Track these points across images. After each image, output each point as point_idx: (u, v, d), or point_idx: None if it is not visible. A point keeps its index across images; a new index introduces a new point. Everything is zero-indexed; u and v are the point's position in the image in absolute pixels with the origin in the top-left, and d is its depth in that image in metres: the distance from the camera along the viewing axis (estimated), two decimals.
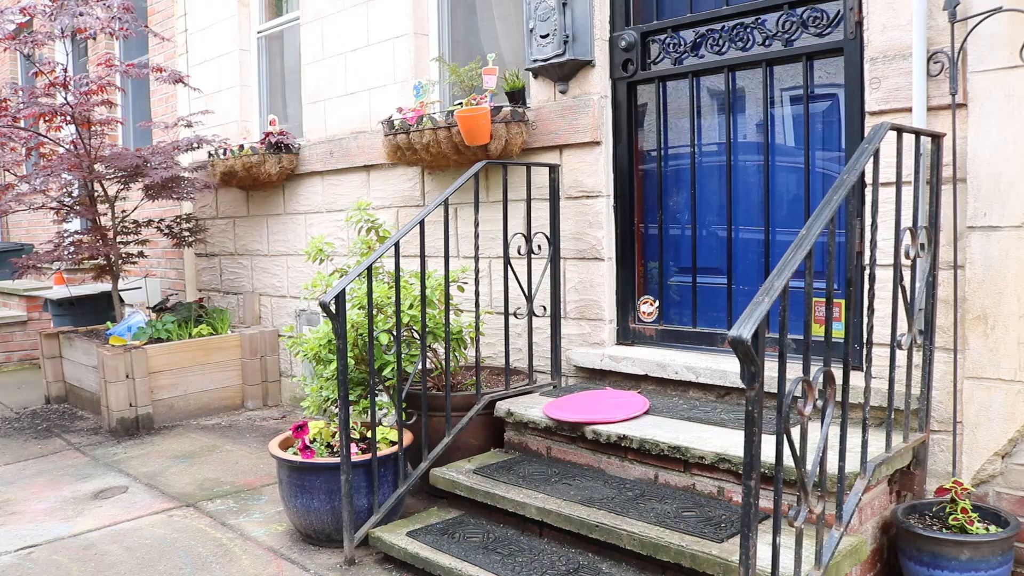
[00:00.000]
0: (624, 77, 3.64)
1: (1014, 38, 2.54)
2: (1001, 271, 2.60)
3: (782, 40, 3.19)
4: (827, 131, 3.18)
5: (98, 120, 5.41)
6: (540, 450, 3.29)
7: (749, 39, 3.29)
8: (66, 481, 4.08)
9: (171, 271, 6.73)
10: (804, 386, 1.96)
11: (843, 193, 2.14)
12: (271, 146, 5.14)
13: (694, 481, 2.80)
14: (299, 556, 3.11)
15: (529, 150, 3.87)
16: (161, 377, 5.10)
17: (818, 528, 2.17)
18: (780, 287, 1.89)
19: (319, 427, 3.33)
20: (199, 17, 6.18)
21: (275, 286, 5.65)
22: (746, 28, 3.29)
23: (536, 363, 3.80)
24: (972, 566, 2.41)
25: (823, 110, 3.21)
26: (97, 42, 6.66)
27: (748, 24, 3.28)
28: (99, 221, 5.43)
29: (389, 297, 3.49)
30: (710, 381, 3.28)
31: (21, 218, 9.00)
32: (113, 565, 3.07)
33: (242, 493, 3.83)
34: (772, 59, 3.23)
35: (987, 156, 2.61)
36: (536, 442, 3.31)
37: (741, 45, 3.32)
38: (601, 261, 3.70)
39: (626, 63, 3.63)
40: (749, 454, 1.83)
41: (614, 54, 3.66)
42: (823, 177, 3.19)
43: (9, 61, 8.95)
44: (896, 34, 2.78)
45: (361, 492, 3.09)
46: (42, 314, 7.23)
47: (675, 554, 2.40)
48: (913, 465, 2.80)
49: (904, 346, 2.56)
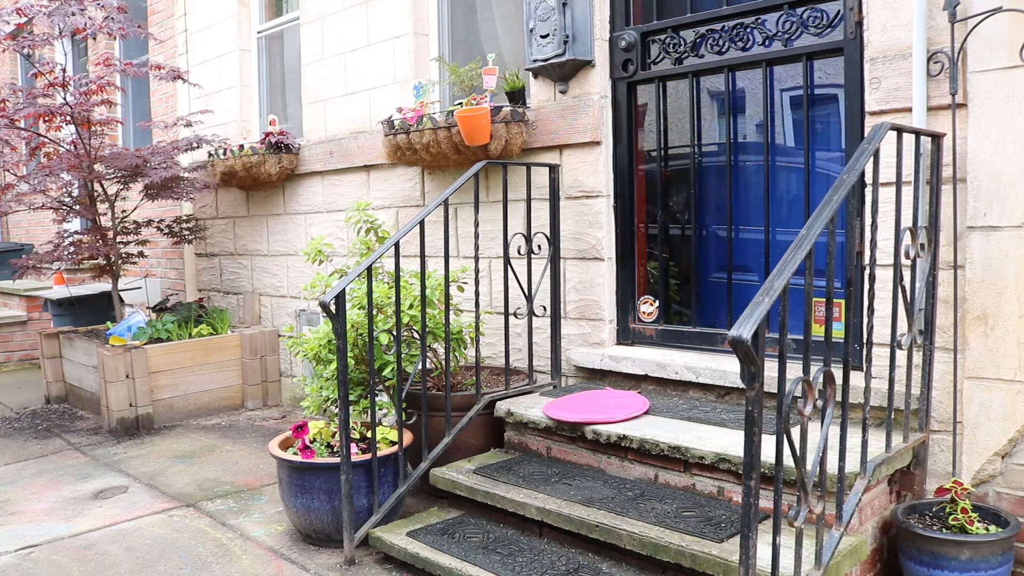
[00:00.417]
0: (624, 77, 3.64)
1: (1014, 38, 2.54)
2: (1001, 271, 2.60)
3: (782, 40, 3.19)
4: (827, 131, 3.19)
5: (98, 120, 5.40)
6: (540, 450, 3.29)
7: (749, 39, 3.29)
8: (66, 481, 4.08)
9: (171, 271, 6.73)
10: (804, 386, 1.96)
11: (843, 193, 2.14)
12: (271, 146, 5.14)
13: (694, 481, 2.80)
14: (299, 556, 3.11)
15: (529, 150, 3.87)
16: (161, 377, 5.10)
17: (818, 528, 2.17)
18: (780, 287, 1.88)
19: (319, 427, 3.33)
20: (199, 17, 6.18)
21: (275, 286, 5.65)
22: (746, 28, 3.29)
23: (536, 363, 3.80)
24: (972, 566, 2.41)
25: (823, 110, 3.21)
26: (97, 42, 6.66)
27: (748, 24, 3.28)
28: (99, 221, 5.43)
29: (389, 297, 3.49)
30: (710, 381, 3.28)
31: (21, 218, 9.00)
32: (113, 565, 3.07)
33: (242, 493, 3.83)
34: (772, 59, 3.23)
35: (987, 156, 2.61)
36: (536, 442, 3.31)
37: (741, 45, 3.32)
38: (601, 261, 3.70)
39: (626, 63, 3.63)
40: (749, 454, 1.83)
41: (614, 54, 3.66)
42: (823, 177, 3.19)
43: (8, 61, 8.94)
44: (896, 34, 2.78)
45: (361, 492, 3.09)
46: (42, 314, 7.23)
47: (675, 554, 2.40)
48: (913, 465, 2.80)
49: (904, 346, 2.56)
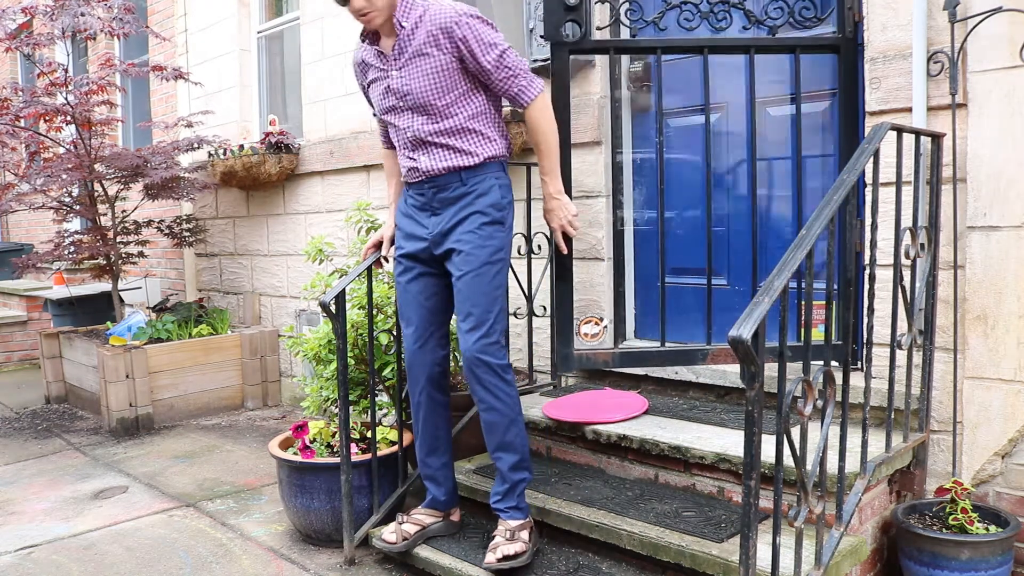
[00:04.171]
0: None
1: (1014, 38, 2.54)
2: (1001, 271, 2.60)
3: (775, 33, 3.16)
4: (826, 131, 3.18)
5: (98, 120, 5.40)
6: (540, 450, 3.29)
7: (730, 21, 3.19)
8: (66, 481, 4.08)
9: (171, 271, 6.73)
10: (804, 386, 1.96)
11: (843, 193, 2.14)
12: (271, 146, 5.14)
13: (694, 481, 2.80)
14: (299, 556, 3.11)
15: (529, 150, 3.86)
16: (161, 377, 5.10)
17: (818, 528, 2.17)
18: (780, 287, 1.88)
19: (319, 427, 3.33)
20: (199, 17, 6.18)
21: (275, 286, 5.65)
22: (729, 7, 3.22)
23: (536, 363, 3.80)
24: (972, 566, 2.41)
25: (822, 110, 3.21)
26: (97, 42, 6.66)
27: (733, 3, 3.22)
28: (99, 221, 5.43)
29: (389, 297, 3.49)
30: (710, 381, 3.28)
31: (21, 218, 9.00)
32: (113, 565, 3.07)
33: (242, 493, 3.84)
34: (759, 47, 3.13)
35: (987, 156, 2.61)
36: (536, 442, 3.30)
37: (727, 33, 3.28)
38: (601, 261, 3.70)
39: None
40: (749, 454, 1.83)
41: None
42: (823, 177, 3.20)
43: (9, 61, 8.94)
44: (896, 34, 2.78)
45: (361, 492, 3.09)
46: (42, 314, 7.23)
47: (675, 554, 2.40)
48: (913, 465, 2.80)
49: (904, 346, 2.56)
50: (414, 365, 2.81)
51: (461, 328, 2.66)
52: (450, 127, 2.65)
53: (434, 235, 2.72)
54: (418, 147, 2.69)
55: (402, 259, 2.82)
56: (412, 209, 2.80)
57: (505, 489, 2.70)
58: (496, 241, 2.69)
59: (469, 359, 2.63)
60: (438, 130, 2.66)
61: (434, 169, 2.68)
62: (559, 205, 2.83)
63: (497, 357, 2.64)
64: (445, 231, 2.70)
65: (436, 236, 2.72)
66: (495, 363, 2.63)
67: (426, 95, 2.63)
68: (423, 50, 2.61)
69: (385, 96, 2.73)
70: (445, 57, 2.60)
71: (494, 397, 2.64)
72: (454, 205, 2.69)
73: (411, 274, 2.80)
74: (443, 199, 2.70)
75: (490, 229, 2.67)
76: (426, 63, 2.61)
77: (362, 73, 2.83)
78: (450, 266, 2.71)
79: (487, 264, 2.66)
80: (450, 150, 2.67)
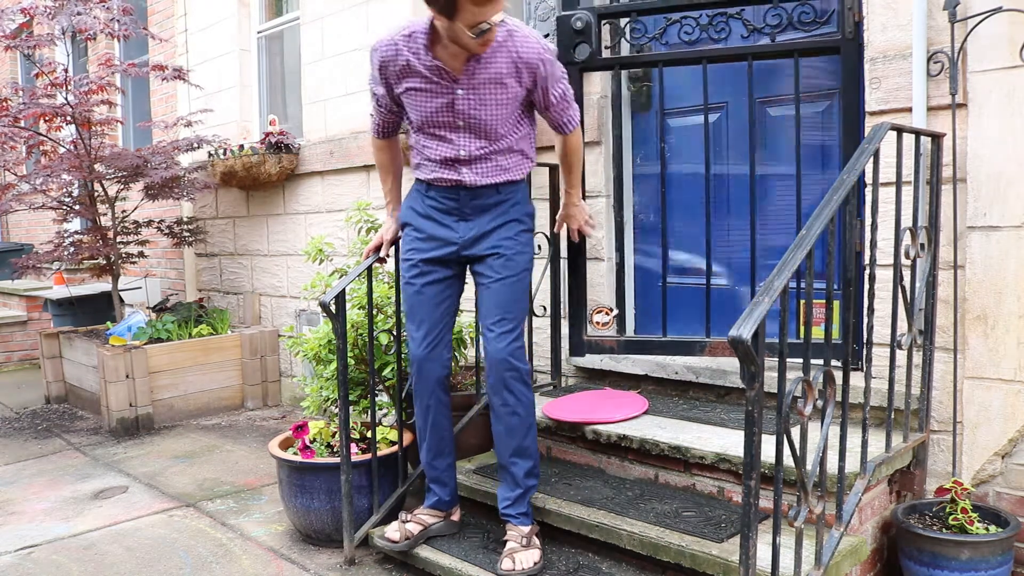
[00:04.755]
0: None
1: (1014, 38, 2.54)
2: (1001, 271, 2.60)
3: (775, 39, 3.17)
4: (826, 131, 3.18)
5: (98, 120, 5.40)
6: (540, 450, 3.29)
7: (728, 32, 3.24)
8: (66, 481, 4.08)
9: (171, 271, 6.73)
10: (804, 386, 1.96)
11: (843, 193, 2.14)
12: (271, 146, 5.14)
13: (694, 481, 2.80)
14: (299, 556, 3.11)
15: None
16: (161, 377, 5.10)
17: (818, 528, 2.17)
18: (780, 286, 1.89)
19: (319, 427, 3.33)
20: (199, 17, 6.18)
21: (275, 286, 5.65)
22: (727, 19, 3.25)
23: (536, 363, 3.80)
24: (972, 566, 2.41)
25: (822, 110, 3.21)
26: (97, 42, 6.66)
27: (731, 14, 3.24)
28: (99, 221, 5.43)
29: (389, 297, 3.49)
30: (710, 381, 3.28)
31: (21, 218, 9.00)
32: (113, 565, 3.07)
33: (242, 493, 3.84)
34: (757, 54, 3.14)
35: (987, 156, 2.61)
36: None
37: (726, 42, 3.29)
38: (601, 261, 3.70)
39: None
40: (749, 454, 1.83)
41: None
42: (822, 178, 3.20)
43: (9, 61, 8.94)
44: (896, 34, 2.78)
45: (361, 492, 3.09)
46: (42, 314, 7.23)
47: (675, 554, 2.40)
48: (913, 465, 2.80)
49: (904, 346, 2.56)
50: (424, 368, 2.80)
51: (492, 331, 2.67)
52: (501, 148, 2.68)
53: (466, 240, 2.73)
54: (464, 163, 2.69)
55: (420, 262, 2.79)
56: (436, 212, 2.77)
57: (517, 495, 2.71)
58: (530, 249, 2.78)
59: (499, 362, 2.64)
60: (491, 150, 2.67)
61: (478, 184, 2.69)
62: (579, 211, 3.12)
63: (523, 361, 2.69)
64: (479, 236, 2.72)
65: (468, 241, 2.73)
66: (523, 368, 2.68)
67: (494, 122, 2.63)
68: (502, 79, 2.57)
69: (440, 111, 2.63)
70: (520, 90, 2.62)
71: (518, 401, 2.67)
72: (489, 212, 2.72)
73: (429, 277, 2.78)
74: (477, 206, 2.72)
75: (526, 237, 2.77)
76: (501, 93, 2.60)
77: (398, 75, 2.64)
78: (483, 268, 2.73)
79: (525, 271, 2.74)
80: (497, 167, 2.69)
